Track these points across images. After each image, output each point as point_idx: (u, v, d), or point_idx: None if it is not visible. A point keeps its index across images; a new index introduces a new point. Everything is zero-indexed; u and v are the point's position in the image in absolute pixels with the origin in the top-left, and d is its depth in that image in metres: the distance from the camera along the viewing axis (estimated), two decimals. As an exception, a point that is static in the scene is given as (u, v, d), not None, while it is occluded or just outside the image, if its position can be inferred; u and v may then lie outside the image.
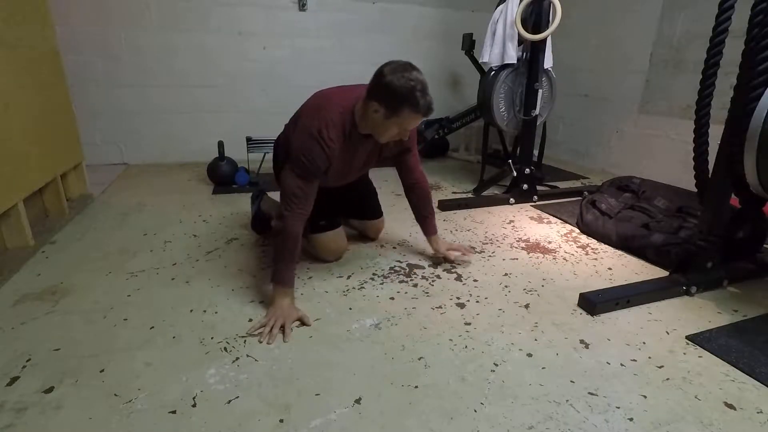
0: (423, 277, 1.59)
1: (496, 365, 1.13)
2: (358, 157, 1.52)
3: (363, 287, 1.51)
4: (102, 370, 1.06)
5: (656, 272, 1.69)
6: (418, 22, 3.47)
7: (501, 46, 2.47)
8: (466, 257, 1.74)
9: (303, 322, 1.28)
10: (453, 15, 3.53)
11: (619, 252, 1.88)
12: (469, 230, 2.07)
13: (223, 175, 2.63)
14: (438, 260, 1.73)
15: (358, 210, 1.87)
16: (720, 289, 1.57)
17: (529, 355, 1.18)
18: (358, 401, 0.99)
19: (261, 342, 1.19)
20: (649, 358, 1.18)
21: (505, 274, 1.64)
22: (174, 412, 0.95)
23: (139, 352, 1.13)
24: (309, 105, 1.48)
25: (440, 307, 1.40)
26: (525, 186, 2.50)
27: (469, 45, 3.03)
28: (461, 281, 1.57)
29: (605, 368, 1.14)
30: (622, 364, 1.15)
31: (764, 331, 1.31)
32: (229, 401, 0.98)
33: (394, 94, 1.25)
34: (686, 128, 2.20)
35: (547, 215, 2.33)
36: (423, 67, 1.46)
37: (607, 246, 1.94)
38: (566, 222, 2.22)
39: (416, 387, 1.04)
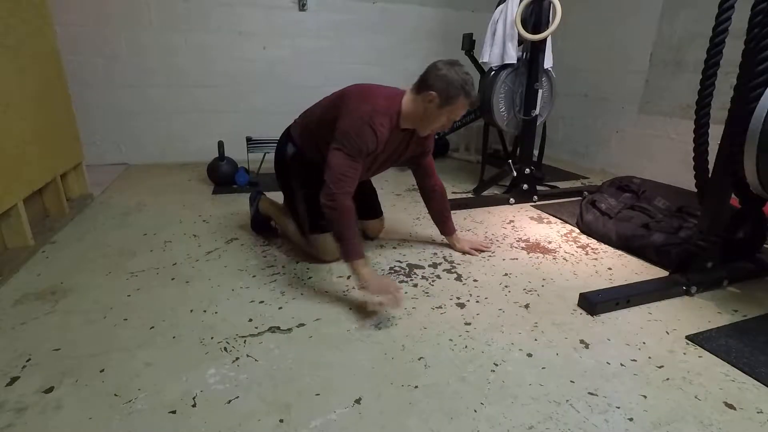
0: (423, 277, 1.59)
1: (496, 365, 1.13)
2: (388, 152, 1.56)
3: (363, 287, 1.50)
4: (102, 370, 1.06)
5: (656, 272, 1.69)
6: (418, 22, 3.47)
7: (501, 46, 2.47)
8: (488, 250, 1.86)
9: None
10: (453, 15, 3.53)
11: (619, 252, 1.88)
12: (469, 230, 2.07)
13: (223, 175, 2.63)
14: (461, 251, 1.82)
15: (358, 209, 1.86)
16: (720, 289, 1.57)
17: (529, 355, 1.18)
18: (358, 401, 0.99)
19: (393, 317, 1.31)
20: (649, 358, 1.18)
21: (505, 274, 1.64)
22: (174, 412, 0.95)
23: (139, 352, 1.13)
24: (352, 93, 1.49)
25: (440, 307, 1.40)
26: (525, 186, 2.51)
27: (469, 45, 3.03)
28: (461, 281, 1.57)
29: (605, 368, 1.14)
30: (622, 364, 1.15)
31: (764, 331, 1.31)
32: (229, 401, 0.98)
33: (452, 85, 1.39)
34: (686, 128, 2.20)
35: (547, 215, 2.33)
36: (423, 67, 1.48)
37: (607, 246, 1.94)
38: (566, 222, 2.22)
39: (416, 387, 1.04)
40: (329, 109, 1.51)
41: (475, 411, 0.98)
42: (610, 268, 1.72)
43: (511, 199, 2.50)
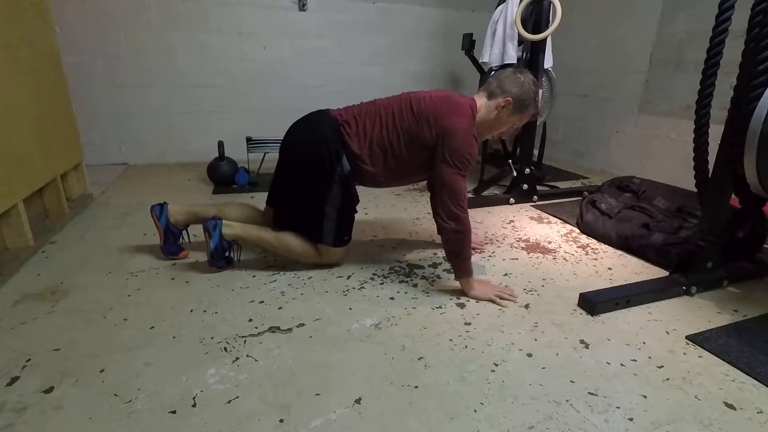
0: (423, 277, 1.59)
1: (496, 365, 1.13)
2: None
3: (363, 287, 1.51)
4: (102, 370, 1.06)
5: (656, 272, 1.69)
6: (418, 22, 3.47)
7: (501, 46, 2.47)
8: (483, 249, 1.85)
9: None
10: (453, 15, 3.53)
11: (619, 252, 1.88)
12: (469, 230, 2.07)
13: (223, 175, 2.63)
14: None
15: None
16: (720, 289, 1.57)
17: (529, 355, 1.18)
18: (358, 401, 0.99)
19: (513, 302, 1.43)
20: (649, 358, 1.18)
21: (505, 274, 1.64)
22: (174, 412, 0.95)
23: (139, 352, 1.13)
24: (441, 109, 1.43)
25: (440, 307, 1.40)
26: (525, 186, 2.51)
27: (469, 45, 3.03)
28: (461, 281, 1.57)
29: (605, 368, 1.14)
30: (622, 364, 1.15)
31: (764, 331, 1.31)
32: (229, 401, 0.98)
33: (527, 94, 1.46)
34: (686, 128, 2.20)
35: (547, 215, 2.33)
36: (423, 67, 1.48)
37: (607, 246, 1.94)
38: (566, 222, 2.22)
39: (416, 387, 1.04)
40: (417, 131, 1.44)
41: (475, 411, 0.98)
42: (610, 268, 1.72)
43: (511, 199, 2.50)
